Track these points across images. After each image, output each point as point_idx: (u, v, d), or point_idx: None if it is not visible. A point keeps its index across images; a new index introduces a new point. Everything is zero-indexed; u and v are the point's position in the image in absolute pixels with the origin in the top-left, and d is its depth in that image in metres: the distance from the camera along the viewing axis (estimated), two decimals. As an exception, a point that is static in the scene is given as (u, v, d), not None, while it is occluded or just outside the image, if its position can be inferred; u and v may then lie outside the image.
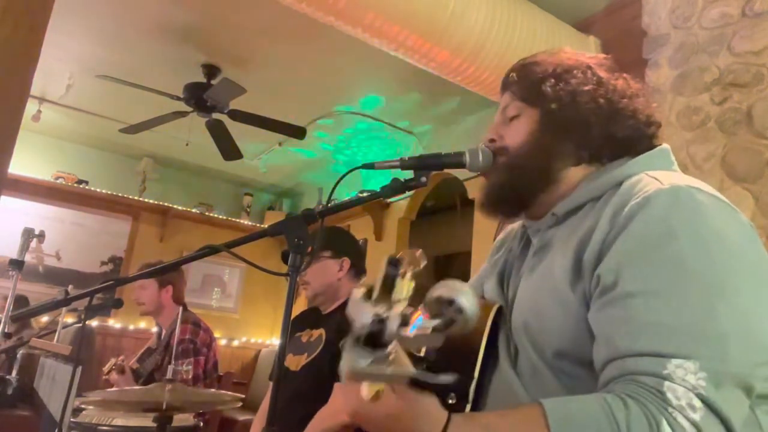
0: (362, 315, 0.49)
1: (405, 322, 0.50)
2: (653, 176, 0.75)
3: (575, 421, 0.59)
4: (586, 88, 0.84)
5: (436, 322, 0.51)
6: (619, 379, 0.63)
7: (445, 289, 0.52)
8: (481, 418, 0.67)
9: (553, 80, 0.86)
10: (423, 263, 0.67)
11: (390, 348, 0.49)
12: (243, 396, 1.71)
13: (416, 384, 0.55)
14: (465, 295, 0.51)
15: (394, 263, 0.54)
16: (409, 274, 0.55)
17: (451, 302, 0.51)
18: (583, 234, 0.76)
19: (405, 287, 0.53)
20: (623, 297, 0.66)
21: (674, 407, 0.57)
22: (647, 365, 0.61)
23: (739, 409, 0.60)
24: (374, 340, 0.49)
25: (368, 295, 0.53)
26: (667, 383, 0.59)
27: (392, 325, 0.48)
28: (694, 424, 0.57)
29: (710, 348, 0.60)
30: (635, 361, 0.62)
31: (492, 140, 0.91)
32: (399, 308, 0.51)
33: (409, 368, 0.54)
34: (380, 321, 0.49)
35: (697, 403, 0.58)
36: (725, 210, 0.71)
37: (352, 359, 0.49)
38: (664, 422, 0.57)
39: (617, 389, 0.62)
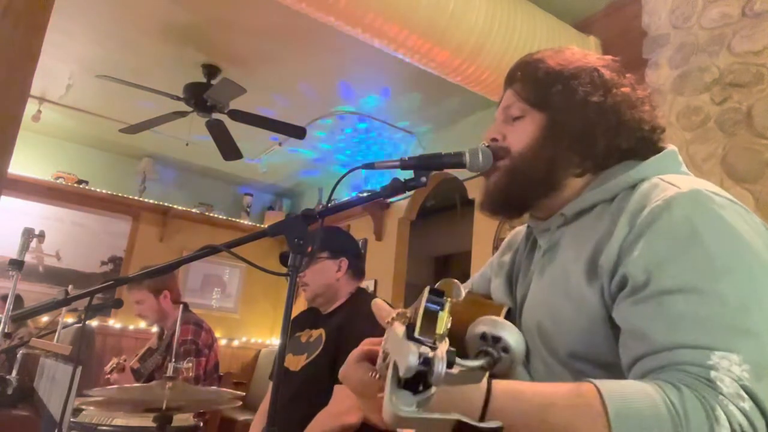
0: (408, 356, 0.46)
1: (451, 362, 0.48)
2: (669, 181, 0.75)
3: (630, 400, 0.58)
4: (595, 99, 0.83)
5: (482, 361, 0.49)
6: (660, 370, 0.62)
7: (489, 325, 0.49)
8: (528, 392, 0.63)
9: (560, 86, 0.85)
10: (462, 294, 0.66)
11: (434, 390, 0.47)
12: (243, 394, 1.71)
13: (462, 427, 0.54)
14: (511, 333, 0.49)
15: (436, 295, 0.52)
16: (447, 306, 0.53)
17: (496, 339, 0.49)
18: (600, 237, 0.76)
19: (446, 320, 0.51)
20: (657, 294, 0.66)
21: (725, 395, 0.57)
22: (691, 356, 0.61)
23: None
24: (417, 379, 0.47)
25: (410, 330, 0.50)
26: (713, 372, 0.59)
27: (438, 366, 0.46)
28: (744, 413, 0.57)
29: (750, 342, 0.61)
30: (677, 353, 0.62)
31: (494, 139, 0.90)
32: (444, 347, 0.48)
33: (454, 414, 0.53)
34: (426, 361, 0.46)
35: (744, 394, 0.58)
36: (741, 212, 0.72)
37: (395, 404, 0.46)
38: (719, 408, 0.56)
39: (664, 377, 0.61)
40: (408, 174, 0.90)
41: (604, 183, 0.82)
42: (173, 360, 2.14)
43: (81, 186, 4.87)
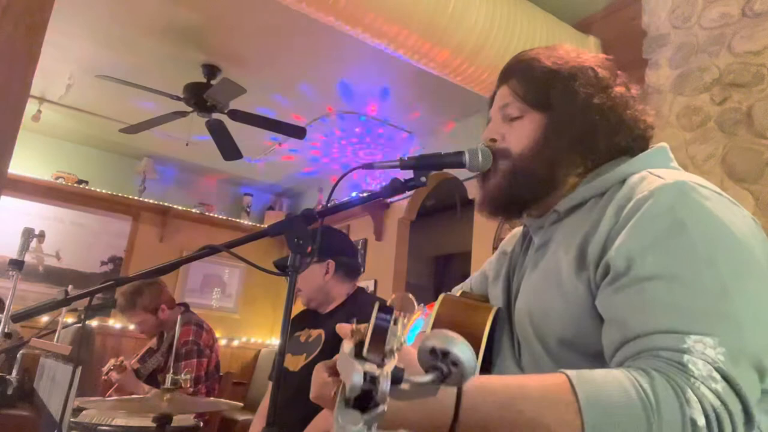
0: (353, 374, 0.46)
1: (398, 380, 0.47)
2: (657, 174, 0.76)
3: (601, 387, 0.58)
4: (596, 101, 0.84)
5: (430, 376, 0.49)
6: (636, 356, 0.63)
7: (438, 339, 0.49)
8: (500, 385, 0.63)
9: (560, 87, 0.86)
10: (415, 309, 0.66)
11: (381, 408, 0.46)
12: (242, 405, 1.70)
13: None
14: (460, 346, 0.49)
15: (385, 312, 0.51)
16: (400, 321, 0.52)
17: (445, 354, 0.49)
18: (588, 228, 0.77)
19: (397, 335, 0.51)
20: (638, 281, 0.67)
21: (696, 377, 0.58)
22: (666, 341, 0.61)
23: (753, 390, 0.61)
24: (366, 397, 0.47)
25: (359, 348, 0.50)
26: (686, 356, 0.59)
27: (384, 385, 0.46)
28: (716, 394, 0.57)
29: (728, 327, 0.61)
30: (653, 338, 0.62)
31: (493, 140, 0.91)
32: (391, 364, 0.48)
33: (399, 430, 0.53)
34: (372, 380, 0.46)
35: (717, 375, 0.58)
36: (728, 204, 0.73)
37: (341, 424, 0.46)
38: (689, 390, 0.57)
39: (637, 364, 0.61)
40: (408, 174, 0.90)
41: (596, 179, 0.83)
42: (175, 360, 2.14)
43: (81, 186, 4.86)
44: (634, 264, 0.68)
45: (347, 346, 0.52)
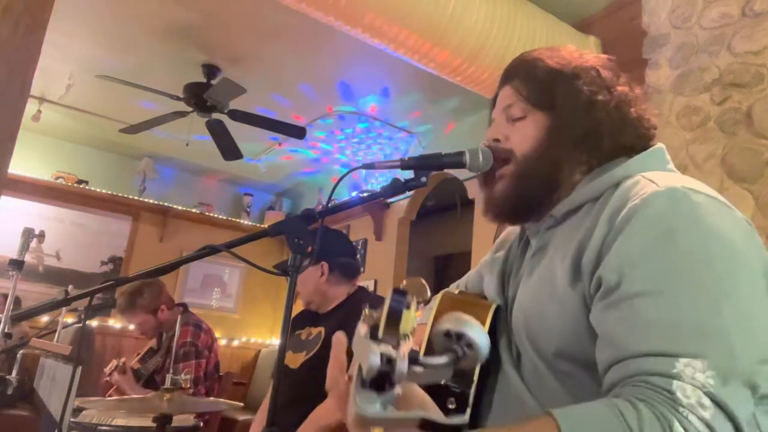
0: (370, 356, 0.46)
1: (414, 360, 0.48)
2: (649, 178, 0.75)
3: (587, 428, 0.58)
4: (600, 98, 0.84)
5: (445, 358, 0.49)
6: (626, 381, 0.62)
7: (453, 322, 0.49)
8: None
9: (564, 86, 0.85)
10: (428, 294, 0.66)
11: (397, 390, 0.47)
12: (242, 405, 1.70)
13: (425, 425, 0.54)
14: (474, 329, 0.49)
15: (399, 295, 0.52)
16: (413, 305, 0.52)
17: (459, 336, 0.49)
18: (582, 236, 0.76)
19: (411, 319, 0.51)
20: (627, 297, 0.66)
21: (684, 406, 0.57)
22: (655, 365, 0.61)
23: (745, 408, 0.60)
24: (381, 379, 0.47)
25: (374, 330, 0.50)
26: (675, 382, 0.59)
27: (401, 366, 0.46)
28: (705, 422, 0.57)
29: (717, 346, 0.61)
30: (642, 361, 0.62)
31: (497, 140, 0.90)
32: (407, 346, 0.48)
33: (418, 411, 0.53)
34: (389, 361, 0.46)
35: (707, 401, 0.58)
36: (721, 209, 0.72)
37: (359, 404, 0.46)
38: (676, 423, 0.56)
39: (625, 393, 0.61)
40: (408, 174, 0.90)
41: (591, 182, 0.83)
42: (173, 362, 2.14)
43: (81, 186, 4.86)
44: (624, 278, 0.67)
45: (362, 328, 0.52)
